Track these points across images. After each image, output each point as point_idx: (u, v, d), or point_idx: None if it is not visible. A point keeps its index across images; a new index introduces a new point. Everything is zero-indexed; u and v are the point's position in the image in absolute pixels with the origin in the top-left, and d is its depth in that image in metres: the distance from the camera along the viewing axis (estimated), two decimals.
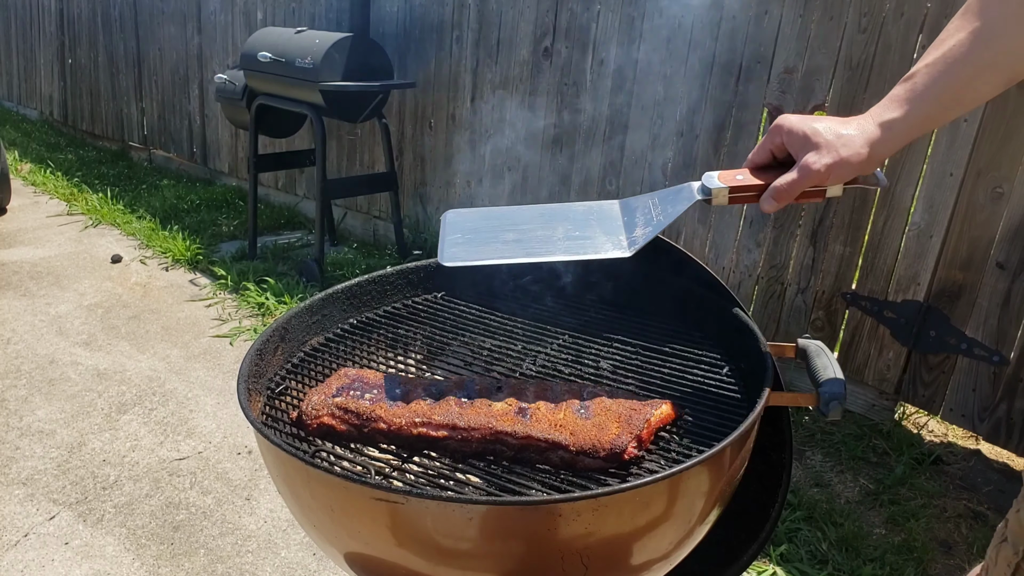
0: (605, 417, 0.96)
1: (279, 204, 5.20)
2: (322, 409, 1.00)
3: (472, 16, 3.81)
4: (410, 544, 0.86)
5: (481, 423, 0.96)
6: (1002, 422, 2.46)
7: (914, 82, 0.88)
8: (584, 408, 0.98)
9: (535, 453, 0.95)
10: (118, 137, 6.83)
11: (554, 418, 0.96)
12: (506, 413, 0.97)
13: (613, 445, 0.92)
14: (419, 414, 0.98)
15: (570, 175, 3.54)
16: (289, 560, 2.13)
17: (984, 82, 0.86)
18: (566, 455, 0.94)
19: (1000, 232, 2.39)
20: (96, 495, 2.37)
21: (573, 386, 1.05)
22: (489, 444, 0.96)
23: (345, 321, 1.31)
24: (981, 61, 0.85)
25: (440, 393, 1.02)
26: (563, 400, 1.00)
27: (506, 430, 0.95)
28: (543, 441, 0.94)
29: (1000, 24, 0.84)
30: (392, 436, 0.98)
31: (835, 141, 0.89)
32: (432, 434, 0.97)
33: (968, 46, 0.85)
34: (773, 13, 2.77)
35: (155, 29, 5.96)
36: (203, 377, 3.10)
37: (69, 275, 4.09)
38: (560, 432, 0.94)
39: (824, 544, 2.16)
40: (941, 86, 0.86)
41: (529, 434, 0.94)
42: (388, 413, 0.98)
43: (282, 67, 3.75)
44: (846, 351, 2.76)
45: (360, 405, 0.99)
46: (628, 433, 0.93)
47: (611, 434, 0.93)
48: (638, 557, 0.90)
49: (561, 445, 0.94)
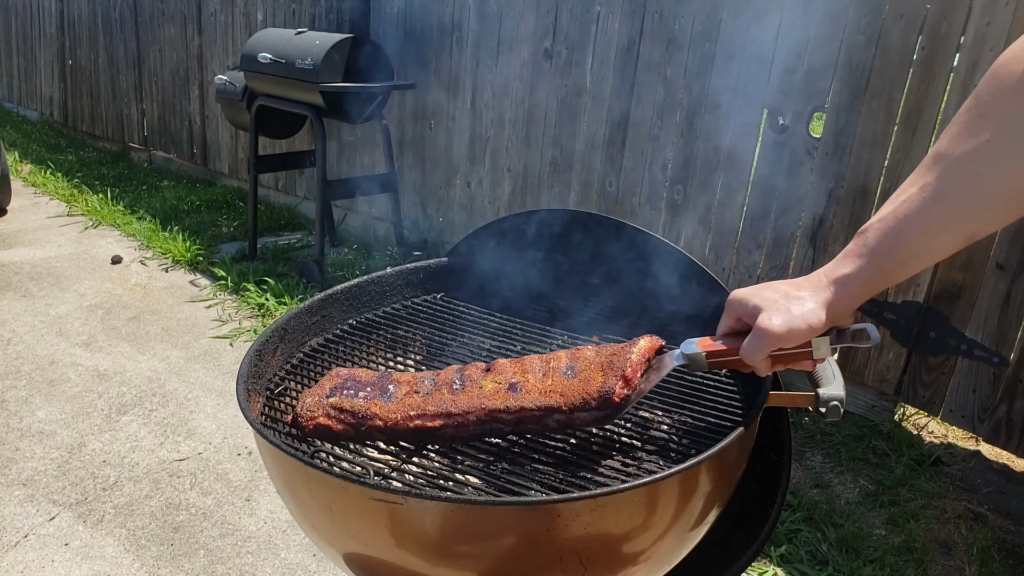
0: (589, 370, 0.98)
1: (279, 205, 5.20)
2: (317, 410, 1.00)
3: (472, 17, 3.81)
4: (409, 544, 0.86)
5: (475, 406, 0.97)
6: (1002, 423, 2.46)
7: (866, 237, 0.86)
8: (570, 369, 1.00)
9: (532, 423, 0.96)
10: (118, 138, 6.83)
11: (543, 385, 0.98)
12: (497, 391, 0.98)
13: (601, 392, 0.94)
14: (413, 407, 0.98)
15: (570, 175, 3.54)
16: (289, 561, 2.13)
17: (938, 242, 0.83)
18: (561, 416, 0.95)
19: (1000, 233, 2.39)
20: (96, 496, 2.37)
21: (554, 353, 1.07)
22: (486, 424, 0.97)
23: (344, 322, 1.31)
24: (930, 221, 0.82)
25: (432, 385, 1.03)
26: (548, 366, 1.01)
27: (499, 407, 0.96)
28: (536, 409, 0.96)
29: (949, 181, 0.81)
30: (389, 432, 0.98)
31: (785, 302, 0.88)
32: (428, 425, 0.97)
33: (918, 203, 0.82)
34: (773, 14, 2.77)
35: (155, 30, 5.96)
36: (203, 378, 3.10)
37: (69, 276, 4.09)
38: (550, 397, 0.96)
39: (824, 545, 2.16)
40: (891, 243, 0.84)
41: (522, 406, 0.96)
42: (383, 410, 0.99)
43: (282, 68, 3.75)
44: (846, 352, 2.76)
45: (355, 404, 1.00)
46: (613, 377, 0.95)
47: (597, 383, 0.95)
48: (637, 557, 0.90)
49: (554, 408, 0.95)
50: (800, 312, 0.86)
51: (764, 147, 2.87)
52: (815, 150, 2.73)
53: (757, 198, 2.91)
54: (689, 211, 3.12)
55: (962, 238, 0.82)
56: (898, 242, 0.83)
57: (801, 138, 2.76)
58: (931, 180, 0.82)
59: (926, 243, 0.83)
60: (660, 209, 3.22)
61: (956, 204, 0.80)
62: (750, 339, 0.88)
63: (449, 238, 4.16)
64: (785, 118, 2.79)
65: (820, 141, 2.72)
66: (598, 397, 0.94)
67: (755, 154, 2.91)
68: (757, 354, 0.88)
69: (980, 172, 0.79)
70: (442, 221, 4.23)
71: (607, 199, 3.40)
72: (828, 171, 2.70)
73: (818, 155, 2.72)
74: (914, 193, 0.83)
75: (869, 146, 2.59)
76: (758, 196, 2.90)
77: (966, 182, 0.80)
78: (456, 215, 4.14)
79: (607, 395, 0.94)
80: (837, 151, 2.67)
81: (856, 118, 2.61)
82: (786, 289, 0.89)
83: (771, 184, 2.86)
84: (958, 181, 0.80)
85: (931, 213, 0.81)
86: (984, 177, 0.79)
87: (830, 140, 2.69)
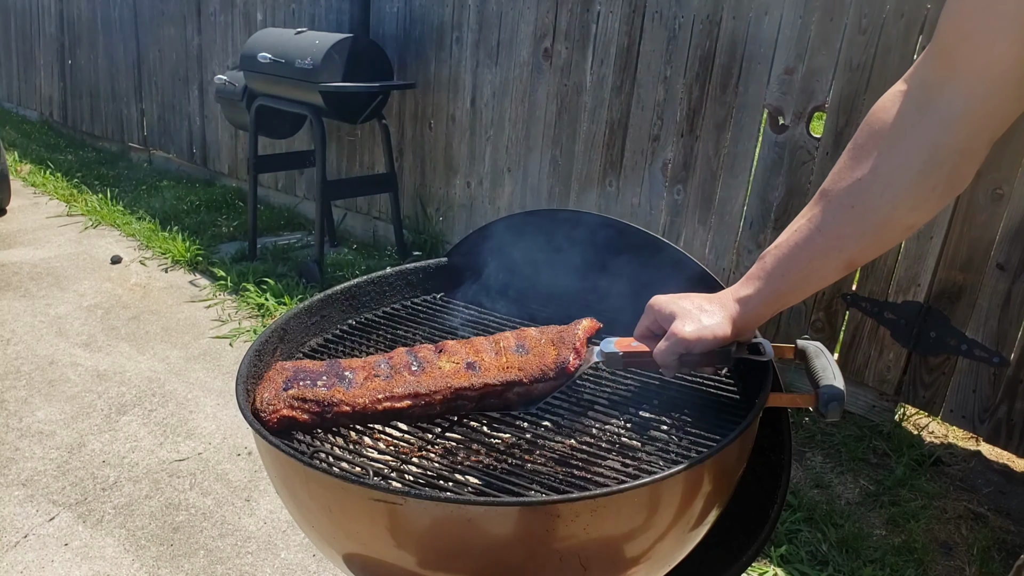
0: (541, 346, 1.08)
1: (279, 205, 5.20)
2: (278, 403, 1.00)
3: (472, 17, 3.81)
4: (409, 545, 0.85)
5: (440, 385, 1.03)
6: (1002, 423, 2.45)
7: (764, 262, 0.96)
8: (520, 347, 1.08)
9: (494, 397, 1.04)
10: (118, 138, 6.83)
11: (499, 363, 1.06)
12: (457, 371, 1.05)
13: (557, 364, 1.05)
14: (379, 390, 1.02)
15: (570, 176, 3.54)
16: (289, 561, 2.13)
17: (823, 266, 0.93)
18: (521, 389, 1.04)
19: (1000, 233, 2.39)
20: (96, 496, 2.36)
21: (500, 334, 1.14)
22: (451, 402, 1.03)
23: (344, 322, 1.31)
24: (815, 247, 0.92)
25: (389, 367, 1.06)
26: (499, 345, 1.09)
27: (464, 385, 1.03)
28: (499, 384, 1.03)
29: (829, 214, 0.91)
30: (357, 416, 1.02)
31: (698, 312, 0.98)
32: (397, 406, 1.02)
33: (806, 232, 0.93)
34: (773, 14, 2.77)
35: (155, 30, 5.96)
36: (203, 378, 3.10)
37: (69, 276, 4.09)
38: (509, 372, 1.04)
39: (824, 545, 2.15)
40: (784, 267, 0.94)
41: (486, 382, 1.03)
42: (348, 396, 1.01)
43: (282, 68, 3.75)
44: (846, 352, 2.76)
45: (318, 393, 1.01)
46: (566, 350, 1.06)
47: (551, 357, 1.06)
48: (637, 558, 0.90)
49: (515, 382, 1.04)
50: (709, 323, 0.96)
51: (764, 147, 2.87)
52: (815, 150, 2.73)
53: (757, 198, 2.91)
54: (689, 211, 3.12)
55: (843, 263, 0.93)
56: (790, 267, 0.94)
57: (801, 138, 2.76)
58: (816, 212, 0.93)
59: (813, 267, 0.93)
60: (660, 209, 3.21)
61: (836, 233, 0.91)
62: (663, 343, 0.98)
63: (449, 238, 4.16)
64: (785, 118, 2.79)
65: (820, 141, 2.72)
66: (555, 368, 1.04)
67: (755, 154, 2.91)
68: (668, 356, 0.97)
69: (855, 206, 0.89)
70: (442, 221, 4.23)
71: (607, 199, 3.40)
72: (828, 171, 2.69)
73: (818, 155, 2.72)
74: (803, 224, 0.93)
75: None
76: (758, 196, 2.90)
77: (843, 215, 0.90)
78: (456, 215, 4.14)
79: (563, 365, 1.04)
80: (837, 151, 2.67)
81: (856, 118, 2.61)
82: (700, 302, 0.99)
83: (771, 184, 2.86)
84: (836, 213, 0.91)
85: (816, 241, 0.92)
86: (856, 210, 0.89)
87: (830, 140, 2.69)
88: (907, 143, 0.85)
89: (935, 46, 0.85)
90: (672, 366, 0.99)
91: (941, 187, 0.86)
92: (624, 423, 1.06)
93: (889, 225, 0.89)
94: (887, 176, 0.87)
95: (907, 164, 0.85)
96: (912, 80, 0.89)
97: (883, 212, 0.88)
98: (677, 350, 0.96)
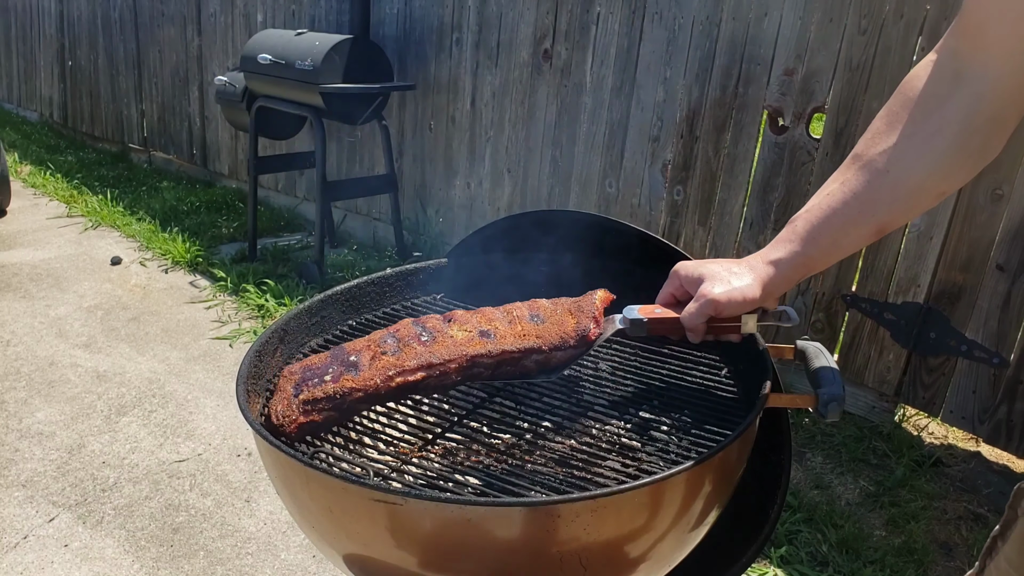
0: (558, 316, 1.06)
1: (279, 206, 5.20)
2: (292, 413, 0.98)
3: (472, 18, 3.81)
4: (409, 545, 0.85)
5: (455, 353, 1.00)
6: (1002, 424, 2.45)
7: (795, 226, 0.96)
8: (535, 316, 1.06)
9: (510, 365, 1.02)
10: (118, 139, 6.83)
11: (514, 331, 1.03)
12: (471, 339, 1.02)
13: (578, 331, 1.02)
14: (390, 367, 0.99)
15: (570, 177, 3.54)
16: (289, 562, 2.13)
17: (854, 231, 0.93)
18: (539, 356, 1.02)
19: (1000, 233, 2.39)
20: (96, 497, 2.36)
21: (509, 304, 1.12)
22: (467, 371, 1.00)
23: (344, 323, 1.31)
24: (848, 212, 0.92)
25: (396, 342, 1.03)
26: (512, 315, 1.06)
27: (481, 352, 1.00)
28: (517, 351, 1.01)
29: (863, 178, 0.91)
30: (373, 398, 0.99)
31: (727, 275, 0.97)
32: (410, 379, 0.99)
33: (839, 197, 0.93)
34: (773, 15, 2.77)
35: (155, 31, 5.96)
36: (203, 379, 3.10)
37: (69, 277, 4.09)
38: (527, 339, 1.02)
39: (824, 546, 2.15)
40: (816, 231, 0.94)
41: (503, 349, 1.01)
42: (358, 381, 0.98)
43: (282, 69, 3.75)
44: (846, 353, 2.76)
45: (326, 389, 0.98)
46: (586, 318, 1.04)
47: (571, 325, 1.03)
48: (637, 559, 0.90)
49: (534, 349, 1.02)
50: (739, 285, 0.95)
51: (764, 148, 2.87)
52: (815, 151, 2.73)
53: (757, 199, 2.91)
54: (689, 212, 3.12)
55: (874, 229, 0.93)
56: (821, 231, 0.94)
57: (801, 139, 2.76)
58: (849, 177, 0.93)
59: (844, 232, 0.93)
60: (660, 210, 3.22)
61: (869, 198, 0.91)
62: (692, 305, 0.97)
63: (449, 238, 4.16)
64: (785, 119, 2.79)
65: (820, 142, 2.72)
66: (575, 336, 1.02)
67: (755, 155, 2.91)
68: (696, 319, 0.97)
69: (889, 171, 0.90)
70: (442, 221, 4.23)
71: (607, 199, 3.40)
72: (828, 171, 2.69)
73: (818, 156, 2.72)
74: (836, 188, 0.94)
75: None
76: (758, 197, 2.90)
77: (877, 180, 0.91)
78: (456, 215, 4.14)
79: (584, 333, 1.02)
80: (837, 152, 2.67)
81: (856, 119, 2.61)
82: (728, 265, 0.98)
83: (771, 185, 2.86)
84: (870, 179, 0.91)
85: (849, 205, 0.92)
86: (891, 176, 0.90)
87: (830, 141, 2.69)
88: (942, 111, 0.87)
89: (963, 20, 0.88)
90: (699, 330, 0.98)
91: (975, 154, 0.88)
92: (624, 424, 1.06)
93: (922, 191, 0.90)
94: (922, 143, 0.88)
95: (942, 131, 0.87)
96: (943, 51, 0.91)
97: (917, 179, 0.89)
98: (707, 312, 0.96)
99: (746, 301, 0.95)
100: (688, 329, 0.99)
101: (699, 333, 0.99)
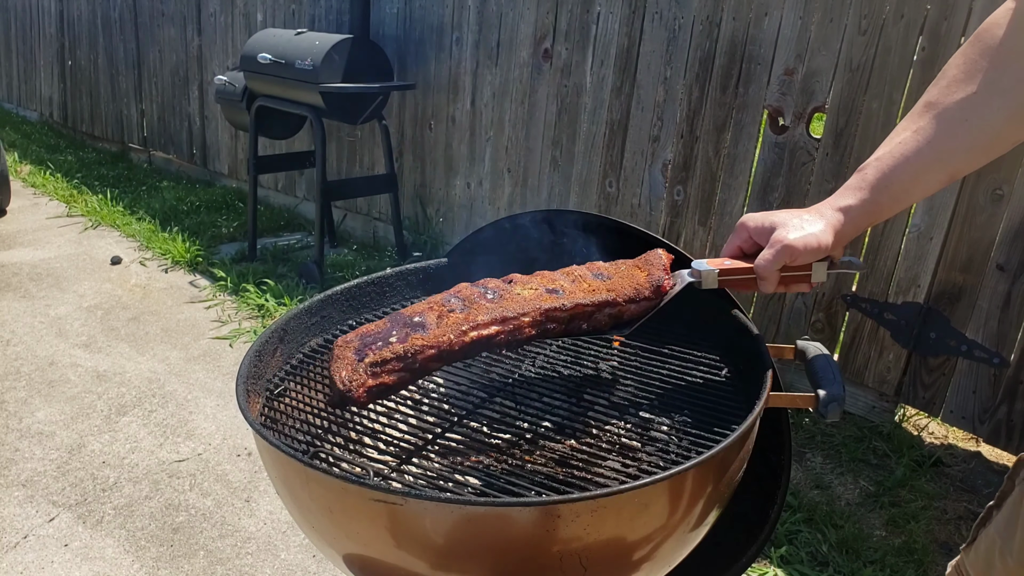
0: (624, 272, 1.06)
1: (279, 206, 5.20)
2: (360, 377, 0.94)
3: (472, 17, 3.81)
4: (409, 545, 0.85)
5: (529, 307, 0.99)
6: (1002, 424, 2.45)
7: (865, 173, 0.96)
8: (599, 275, 1.05)
9: (583, 320, 1.01)
10: (118, 139, 6.83)
11: (583, 287, 1.03)
12: (540, 295, 1.01)
13: (651, 283, 1.03)
14: (462, 322, 0.96)
15: (570, 176, 3.54)
16: (289, 562, 2.13)
17: (926, 178, 0.94)
18: (612, 310, 1.02)
19: (1000, 234, 2.39)
20: (96, 497, 2.36)
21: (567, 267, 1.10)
22: (541, 325, 0.99)
23: (344, 323, 1.31)
24: (922, 160, 0.93)
25: (461, 301, 1.00)
26: (574, 275, 1.06)
27: (555, 306, 0.99)
28: (591, 304, 1.01)
29: (940, 126, 0.92)
30: (446, 355, 0.96)
31: (799, 222, 0.97)
32: (484, 334, 0.96)
33: (912, 144, 0.93)
34: (773, 15, 2.77)
35: (155, 31, 5.96)
36: (202, 379, 3.10)
37: (69, 277, 4.09)
38: (599, 294, 1.02)
39: (824, 546, 2.15)
40: (887, 179, 0.95)
41: (577, 302, 1.00)
42: (429, 339, 0.95)
43: (282, 69, 3.75)
44: (846, 353, 2.76)
45: (395, 348, 0.95)
46: (656, 270, 1.04)
47: (643, 277, 1.04)
48: (637, 559, 0.90)
49: (608, 302, 1.01)
50: (813, 231, 0.96)
51: (764, 148, 2.87)
52: (815, 151, 2.73)
53: (757, 199, 2.91)
54: (689, 212, 3.12)
55: (946, 176, 0.94)
56: (892, 178, 0.94)
57: (801, 139, 2.76)
58: (923, 125, 0.93)
59: (916, 180, 0.94)
60: (660, 210, 3.21)
61: (945, 146, 0.91)
62: (767, 252, 0.97)
63: (449, 238, 4.16)
64: (785, 119, 2.79)
65: (820, 142, 2.72)
66: (650, 287, 1.02)
67: (755, 155, 2.91)
68: (772, 265, 0.96)
69: (968, 119, 0.90)
70: (442, 221, 4.23)
71: (607, 200, 3.40)
72: (828, 171, 2.70)
73: (818, 156, 2.72)
74: (908, 136, 0.94)
75: (869, 146, 2.59)
76: (758, 197, 2.90)
77: (955, 127, 0.91)
78: (456, 215, 4.14)
79: (658, 283, 1.02)
80: (837, 152, 2.67)
81: (856, 118, 2.61)
82: (798, 213, 0.99)
83: (771, 185, 2.86)
84: (948, 126, 0.91)
85: (923, 152, 0.92)
86: (970, 124, 0.90)
87: (830, 141, 2.69)
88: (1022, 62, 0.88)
89: None
90: (773, 279, 0.98)
91: None
92: (624, 424, 1.06)
93: (999, 139, 0.91)
94: (1004, 92, 0.89)
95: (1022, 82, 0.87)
96: None
97: (996, 127, 0.90)
98: (782, 258, 0.95)
99: (820, 247, 0.95)
100: (761, 278, 0.98)
101: (772, 282, 0.98)
